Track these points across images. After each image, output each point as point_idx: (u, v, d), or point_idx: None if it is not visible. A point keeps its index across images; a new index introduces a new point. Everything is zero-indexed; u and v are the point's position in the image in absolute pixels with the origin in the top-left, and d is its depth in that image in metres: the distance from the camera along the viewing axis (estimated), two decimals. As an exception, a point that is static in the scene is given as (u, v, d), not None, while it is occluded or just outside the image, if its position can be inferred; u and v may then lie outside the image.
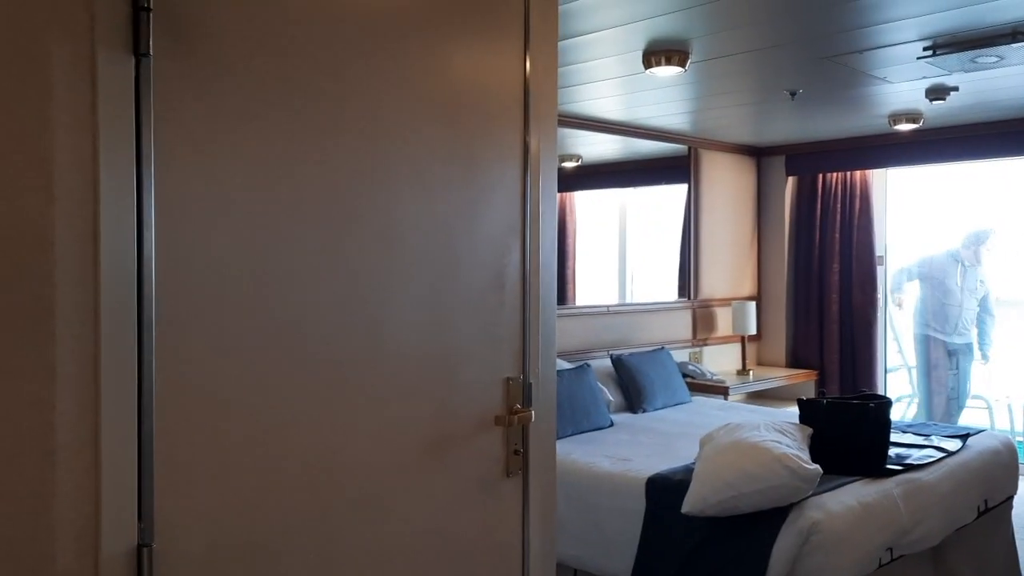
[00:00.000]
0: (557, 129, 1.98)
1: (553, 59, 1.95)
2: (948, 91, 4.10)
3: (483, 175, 1.78)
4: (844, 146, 5.68)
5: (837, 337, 5.87)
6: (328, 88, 1.48)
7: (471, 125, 1.75)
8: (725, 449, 3.10)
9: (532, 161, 1.89)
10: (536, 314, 1.93)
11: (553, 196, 1.98)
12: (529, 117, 1.87)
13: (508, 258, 1.84)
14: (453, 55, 1.72)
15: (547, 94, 1.93)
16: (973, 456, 3.68)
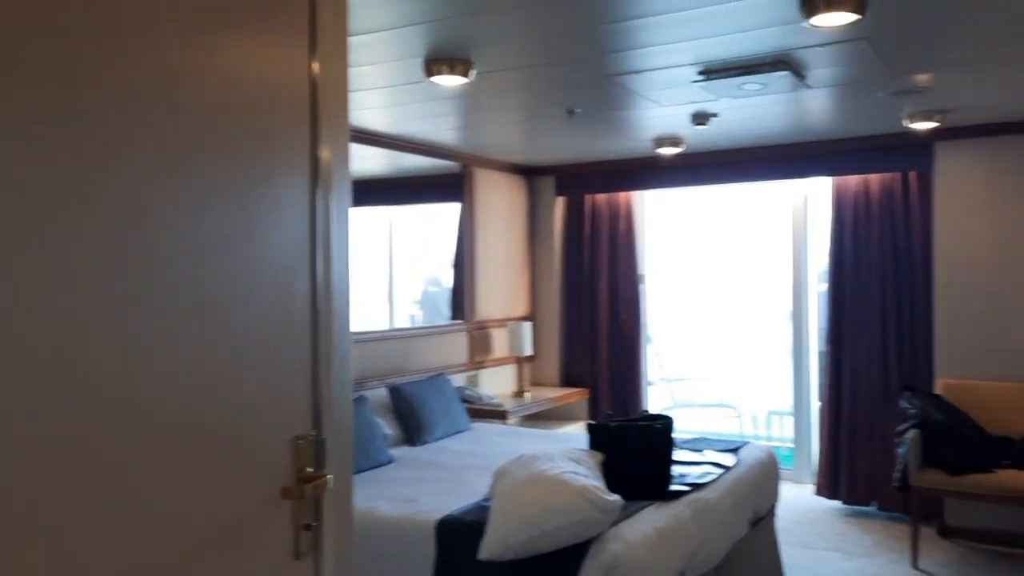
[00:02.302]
0: (349, 139, 1.68)
1: (344, 60, 1.66)
2: (710, 117, 4.27)
3: (263, 192, 1.43)
4: (611, 168, 5.82)
5: (607, 354, 5.98)
6: (49, 90, 1.06)
7: (243, 136, 1.39)
8: (523, 485, 2.90)
9: (323, 175, 1.57)
10: (329, 352, 1.59)
11: (346, 214, 1.68)
12: (319, 126, 1.56)
13: (295, 286, 1.49)
14: (223, 53, 1.35)
15: (338, 100, 1.63)
16: (745, 470, 3.80)
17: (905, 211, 4.95)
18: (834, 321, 5.21)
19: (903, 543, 4.56)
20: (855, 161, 5.02)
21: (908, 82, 3.63)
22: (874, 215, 5.04)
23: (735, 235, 7.53)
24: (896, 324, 4.96)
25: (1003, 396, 4.48)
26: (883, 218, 5.01)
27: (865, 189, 5.08)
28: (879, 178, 5.02)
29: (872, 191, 5.05)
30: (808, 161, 5.19)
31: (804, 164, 5.22)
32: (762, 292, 7.28)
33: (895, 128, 4.58)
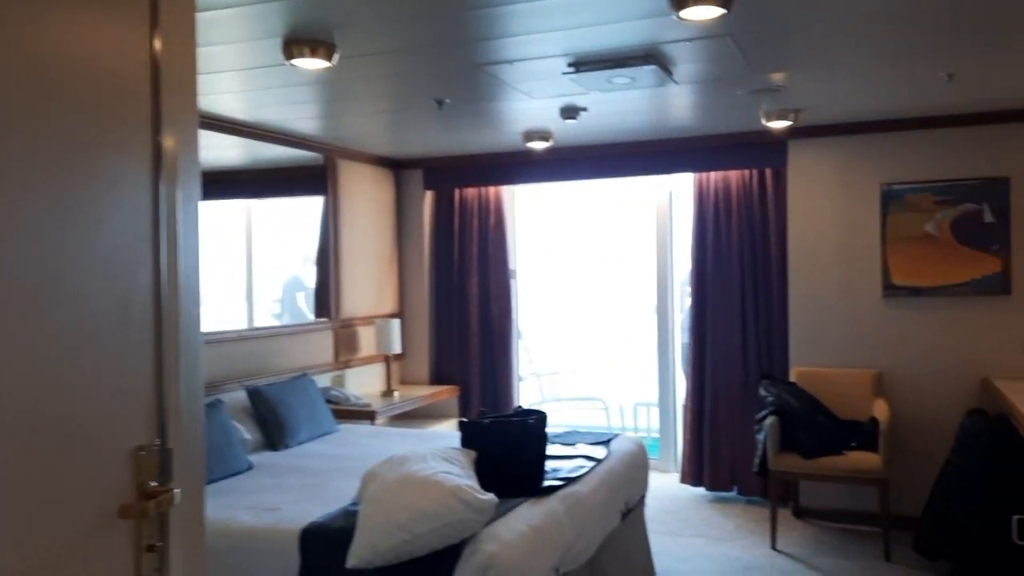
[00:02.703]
0: (198, 125, 1.54)
1: (191, 37, 1.51)
2: (579, 111, 4.27)
3: (92, 181, 1.26)
4: (481, 162, 5.75)
5: (478, 351, 5.91)
6: None
7: (67, 119, 1.23)
8: (393, 487, 2.77)
9: (167, 163, 1.41)
10: (176, 353, 1.43)
11: (196, 205, 1.54)
12: (161, 109, 1.41)
13: (134, 283, 1.32)
14: (39, 25, 1.17)
15: (184, 82, 1.48)
16: (616, 461, 3.82)
17: (762, 207, 5.15)
18: (696, 314, 5.36)
19: (763, 525, 4.74)
20: (717, 158, 5.18)
21: (766, 80, 3.75)
22: (734, 210, 5.21)
23: (604, 230, 7.66)
24: (755, 315, 5.15)
25: (851, 381, 4.73)
26: (742, 213, 5.19)
27: (726, 185, 5.25)
28: (738, 175, 5.20)
29: (732, 187, 5.22)
30: (673, 157, 5.31)
31: (669, 160, 5.33)
32: (629, 286, 7.44)
33: (754, 126, 4.75)
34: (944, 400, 4.60)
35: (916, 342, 4.69)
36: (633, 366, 7.73)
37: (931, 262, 4.60)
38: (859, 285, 4.80)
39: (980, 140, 4.53)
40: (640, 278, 6.62)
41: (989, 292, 4.51)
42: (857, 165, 4.81)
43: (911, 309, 4.69)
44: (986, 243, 4.50)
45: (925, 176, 4.63)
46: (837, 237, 4.86)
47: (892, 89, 3.96)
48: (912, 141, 4.66)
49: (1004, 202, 4.47)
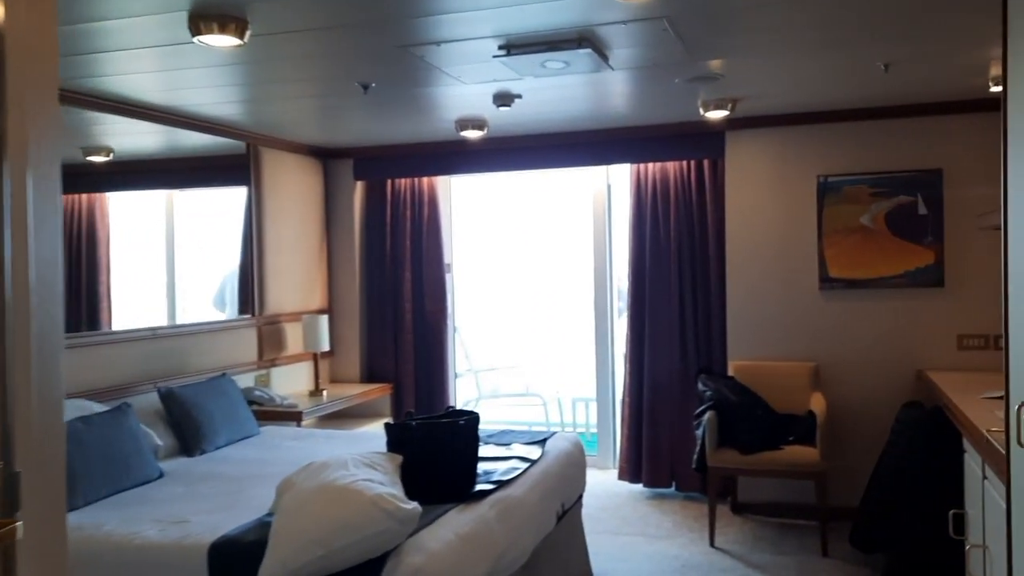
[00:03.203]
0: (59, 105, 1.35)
1: (49, 3, 1.30)
2: (513, 98, 4.11)
3: None
4: (413, 151, 5.55)
5: (411, 348, 5.72)
6: None
7: None
8: (310, 497, 2.58)
9: (12, 149, 1.22)
10: (26, 361, 1.23)
11: (54, 194, 1.38)
12: (6, 86, 1.21)
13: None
14: None
15: (39, 56, 1.30)
16: (551, 461, 3.68)
17: (700, 199, 5.07)
18: (635, 307, 5.26)
19: (701, 522, 4.67)
20: (654, 149, 5.08)
21: (704, 68, 3.64)
22: (672, 203, 5.12)
23: (542, 223, 7.53)
24: (693, 308, 5.08)
25: (789, 375, 4.69)
26: (680, 205, 5.11)
27: (663, 177, 5.15)
28: (676, 166, 5.11)
29: (670, 179, 5.13)
30: (610, 148, 5.19)
31: (606, 151, 5.22)
32: (568, 280, 7.33)
33: (692, 117, 4.66)
34: (880, 392, 4.59)
35: (852, 335, 4.67)
36: (572, 361, 7.63)
37: (867, 254, 4.58)
38: (796, 278, 4.76)
39: (914, 132, 4.52)
40: (578, 271, 6.51)
41: (923, 284, 4.50)
42: (794, 156, 4.76)
43: (847, 301, 4.67)
44: (920, 235, 4.50)
45: (861, 168, 4.61)
46: (774, 229, 4.81)
47: (830, 79, 3.90)
48: (848, 132, 4.63)
49: (937, 194, 4.47)
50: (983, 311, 4.43)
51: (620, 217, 5.60)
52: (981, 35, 3.24)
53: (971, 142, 4.43)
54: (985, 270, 4.41)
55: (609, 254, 5.70)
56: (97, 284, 4.27)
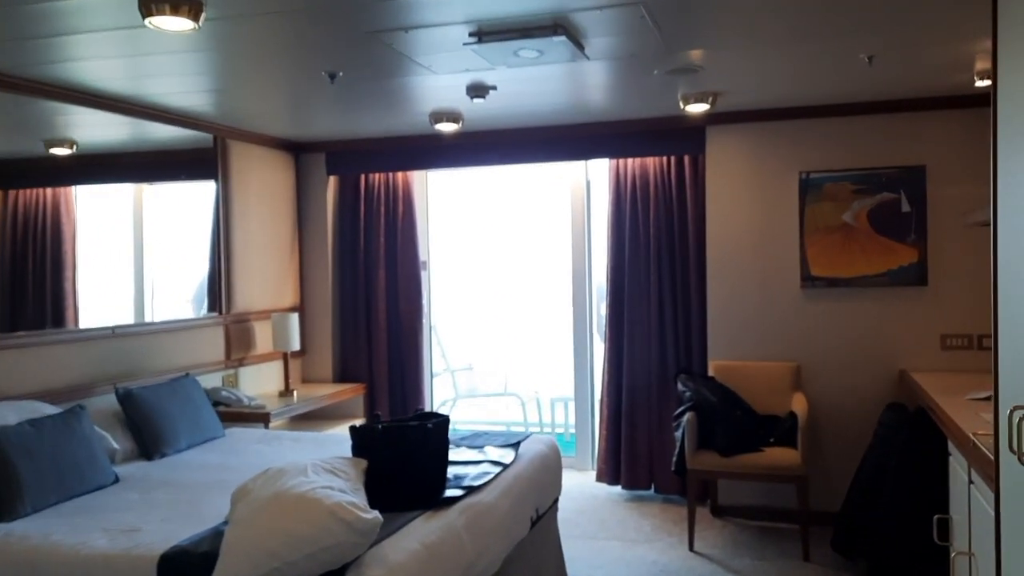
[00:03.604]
0: None
1: None
2: (488, 89, 3.99)
3: None
4: (387, 145, 5.41)
5: (385, 347, 5.58)
6: None
7: None
8: (265, 506, 2.44)
9: None
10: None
11: None
12: None
13: None
14: None
15: None
16: (525, 465, 3.56)
17: (680, 195, 4.96)
18: (614, 306, 5.15)
19: (680, 525, 4.56)
20: (634, 144, 4.97)
21: (683, 59, 3.53)
22: (651, 199, 5.01)
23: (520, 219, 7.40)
24: (672, 307, 4.97)
25: (770, 375, 4.59)
26: (660, 202, 5.00)
27: (643, 173, 5.04)
28: (656, 162, 5.00)
29: (650, 175, 5.02)
30: (589, 143, 5.08)
31: (585, 145, 5.10)
32: (547, 277, 7.21)
33: (672, 111, 4.55)
34: (863, 393, 4.50)
35: (834, 334, 4.57)
36: (551, 360, 7.51)
37: (849, 252, 4.49)
38: (778, 276, 4.66)
39: (897, 128, 4.43)
40: (557, 269, 6.39)
41: (906, 283, 4.42)
42: (776, 153, 4.66)
43: (829, 301, 4.58)
44: (903, 233, 4.41)
45: (843, 165, 4.51)
46: (756, 227, 4.71)
47: (812, 72, 3.80)
48: (830, 129, 4.54)
49: (920, 191, 4.38)
50: (967, 311, 4.35)
51: (599, 214, 5.49)
52: (966, 29, 3.15)
53: (954, 139, 4.35)
54: (969, 269, 4.34)
55: (588, 251, 5.59)
56: (62, 281, 4.10)
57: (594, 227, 5.59)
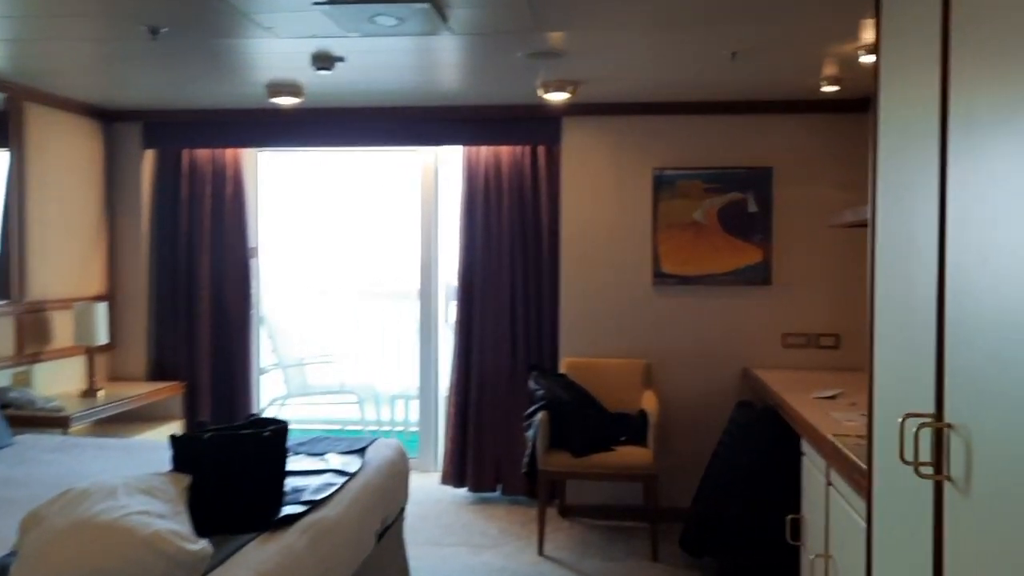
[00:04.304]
0: None
1: None
2: (335, 61, 3.63)
3: None
4: (215, 118, 4.88)
5: (209, 341, 5.06)
6: None
7: None
8: (63, 536, 2.00)
9: None
10: None
11: None
12: None
13: None
14: None
15: None
16: (372, 473, 3.25)
17: (534, 187, 4.80)
18: (464, 300, 4.92)
19: (527, 528, 4.41)
20: (488, 131, 4.76)
21: (548, 42, 3.35)
22: (505, 190, 4.82)
23: (364, 206, 7.00)
24: (524, 302, 4.81)
25: (621, 372, 4.53)
26: (513, 193, 4.82)
27: (496, 162, 4.84)
28: (510, 151, 4.82)
29: (504, 165, 4.83)
30: (441, 128, 4.81)
31: (437, 131, 4.83)
32: (392, 269, 6.86)
33: (529, 99, 4.37)
34: (712, 391, 4.54)
35: (684, 332, 4.58)
36: (393, 355, 7.18)
37: (699, 250, 4.51)
38: (630, 272, 4.61)
39: (747, 129, 4.49)
40: (403, 259, 6.08)
41: (751, 282, 4.49)
42: (631, 148, 4.60)
43: (679, 298, 4.58)
44: (750, 233, 4.48)
45: (696, 163, 4.52)
46: (609, 222, 4.64)
47: (676, 64, 3.74)
48: (685, 126, 4.54)
49: (767, 192, 4.47)
50: (806, 310, 4.48)
51: (450, 203, 5.23)
52: (833, 31, 3.17)
53: (799, 142, 4.46)
54: (809, 270, 4.47)
55: (436, 242, 5.33)
56: None
57: (444, 216, 5.33)
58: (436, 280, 5.35)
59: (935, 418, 1.72)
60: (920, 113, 1.81)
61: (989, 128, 1.46)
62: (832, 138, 4.43)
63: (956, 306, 1.62)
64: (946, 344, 1.67)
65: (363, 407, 6.42)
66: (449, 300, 5.60)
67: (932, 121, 1.72)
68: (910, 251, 1.88)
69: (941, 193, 1.69)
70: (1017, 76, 1.34)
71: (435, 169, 5.28)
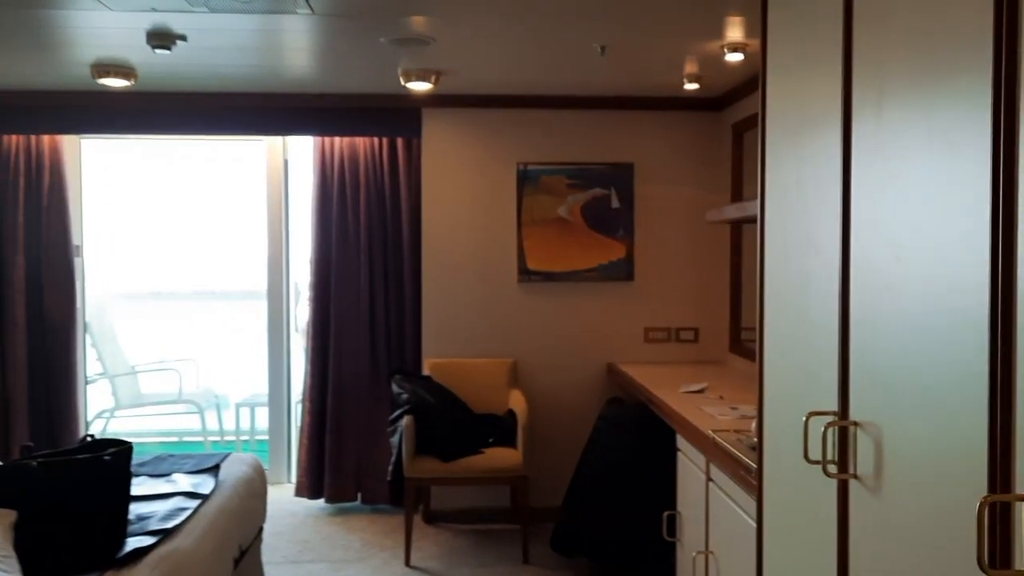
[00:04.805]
0: None
1: None
2: (175, 39, 3.28)
3: None
4: (31, 100, 4.32)
5: (24, 350, 4.50)
6: None
7: None
8: None
9: None
10: None
11: None
12: None
13: None
14: None
15: None
16: (228, 494, 2.97)
17: (394, 181, 4.60)
18: (319, 300, 4.64)
19: (392, 538, 4.23)
20: (343, 121, 4.50)
21: (414, 27, 3.17)
22: (362, 184, 4.58)
23: (204, 199, 6.51)
24: (385, 301, 4.60)
25: (487, 372, 4.42)
26: (371, 188, 4.59)
27: (352, 154, 4.59)
28: (367, 143, 4.58)
29: (360, 158, 4.59)
30: (291, 116, 4.50)
31: (286, 119, 4.52)
32: (236, 267, 6.42)
33: (387, 88, 4.17)
34: (580, 388, 4.51)
35: (550, 329, 4.53)
36: (239, 359, 6.73)
37: (564, 246, 4.48)
38: (496, 270, 4.51)
39: (610, 125, 4.50)
40: (249, 256, 5.69)
41: (615, 278, 4.51)
42: (495, 141, 4.50)
43: (545, 295, 4.53)
44: (613, 229, 4.49)
45: (559, 158, 4.48)
46: (473, 218, 4.51)
47: (543, 58, 3.66)
48: (549, 121, 4.48)
49: (629, 188, 4.50)
50: (667, 305, 4.56)
51: (302, 197, 4.93)
52: (703, 29, 3.20)
53: (658, 139, 4.52)
54: (669, 265, 4.54)
55: (286, 238, 5.01)
56: None
57: (295, 212, 5.02)
58: (287, 279, 5.03)
59: (839, 416, 1.72)
60: (817, 105, 1.79)
61: (903, 119, 1.45)
62: (690, 136, 4.52)
63: (864, 304, 1.61)
64: (851, 342, 1.67)
65: (204, 417, 5.96)
66: (300, 300, 5.29)
67: (833, 114, 1.70)
68: (806, 249, 1.87)
69: (845, 189, 1.68)
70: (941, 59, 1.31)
71: (284, 161, 4.96)
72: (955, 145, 1.29)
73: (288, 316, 5.06)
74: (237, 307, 6.56)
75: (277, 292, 4.99)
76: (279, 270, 4.99)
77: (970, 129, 1.24)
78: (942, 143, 1.33)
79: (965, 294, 1.27)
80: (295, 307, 5.22)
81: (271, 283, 4.99)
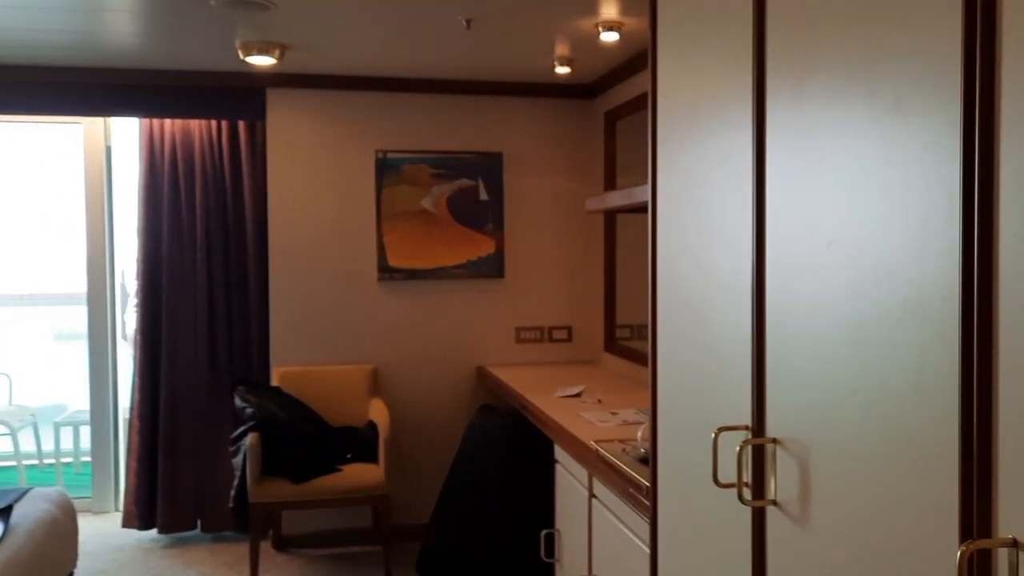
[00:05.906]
0: None
1: None
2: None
3: None
4: None
5: None
6: None
7: None
8: None
9: None
10: None
11: None
12: None
13: None
14: None
15: None
16: (23, 541, 2.45)
17: (236, 170, 4.10)
18: (148, 304, 4.08)
19: (237, 569, 3.76)
20: (175, 102, 3.96)
21: (254, -12, 2.75)
22: (198, 173, 4.06)
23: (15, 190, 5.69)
24: (227, 305, 4.10)
25: (344, 380, 4.02)
26: (209, 178, 4.07)
27: (186, 139, 4.06)
28: (202, 127, 4.06)
29: (195, 143, 4.06)
30: (112, 95, 3.91)
31: (106, 99, 3.92)
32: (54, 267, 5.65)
33: (226, 64, 3.70)
34: (448, 394, 4.18)
35: (414, 331, 4.17)
36: (59, 372, 5.96)
37: (429, 242, 4.13)
38: (353, 267, 4.10)
39: (477, 112, 4.19)
40: (64, 255, 5.01)
41: (485, 275, 4.20)
42: (351, 127, 4.09)
43: (408, 294, 4.16)
44: (482, 222, 4.19)
45: (423, 146, 4.13)
46: (327, 211, 4.09)
47: (403, 33, 3.30)
48: (411, 106, 4.12)
49: (498, 179, 4.20)
50: (539, 303, 4.30)
51: (127, 189, 4.34)
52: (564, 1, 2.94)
53: (529, 128, 4.26)
54: (540, 261, 4.29)
55: (110, 235, 4.40)
56: None
57: (119, 203, 4.42)
58: (111, 281, 4.43)
59: (754, 432, 1.49)
60: (721, 87, 1.56)
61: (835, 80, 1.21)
62: (561, 124, 4.28)
63: (784, 301, 1.37)
64: (767, 345, 1.43)
65: (17, 439, 5.20)
66: (127, 303, 4.67)
67: (743, 96, 1.46)
68: (711, 239, 1.62)
69: (758, 167, 1.44)
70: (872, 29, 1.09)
71: (106, 147, 4.36)
72: (908, 104, 1.06)
73: (113, 322, 4.45)
74: (56, 313, 5.80)
75: (100, 295, 4.38)
76: (101, 270, 4.37)
77: (929, 90, 1.01)
78: (888, 102, 1.09)
79: (922, 286, 1.04)
80: (122, 312, 4.60)
81: (92, 285, 4.37)
